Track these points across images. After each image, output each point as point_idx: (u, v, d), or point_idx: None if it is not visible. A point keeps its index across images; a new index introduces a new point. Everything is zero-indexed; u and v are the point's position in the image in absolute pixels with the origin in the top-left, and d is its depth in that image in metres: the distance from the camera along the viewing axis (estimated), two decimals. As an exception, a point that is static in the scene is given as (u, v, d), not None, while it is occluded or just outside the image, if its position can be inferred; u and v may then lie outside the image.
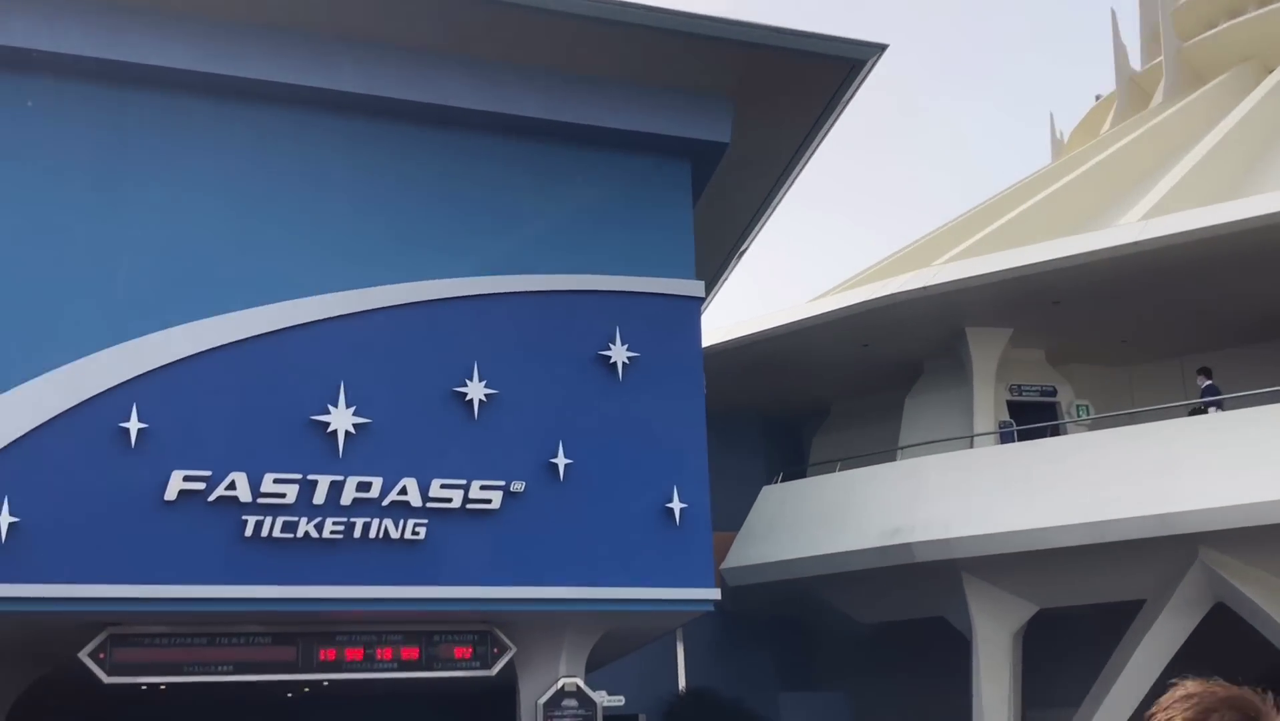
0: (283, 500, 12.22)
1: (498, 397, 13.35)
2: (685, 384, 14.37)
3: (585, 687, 14.35)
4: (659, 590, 13.73)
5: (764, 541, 20.03)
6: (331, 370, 12.69)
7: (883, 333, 20.72)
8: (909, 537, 17.85)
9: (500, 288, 13.73)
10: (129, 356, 12.00)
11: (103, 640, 12.15)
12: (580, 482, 13.56)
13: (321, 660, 12.90)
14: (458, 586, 12.85)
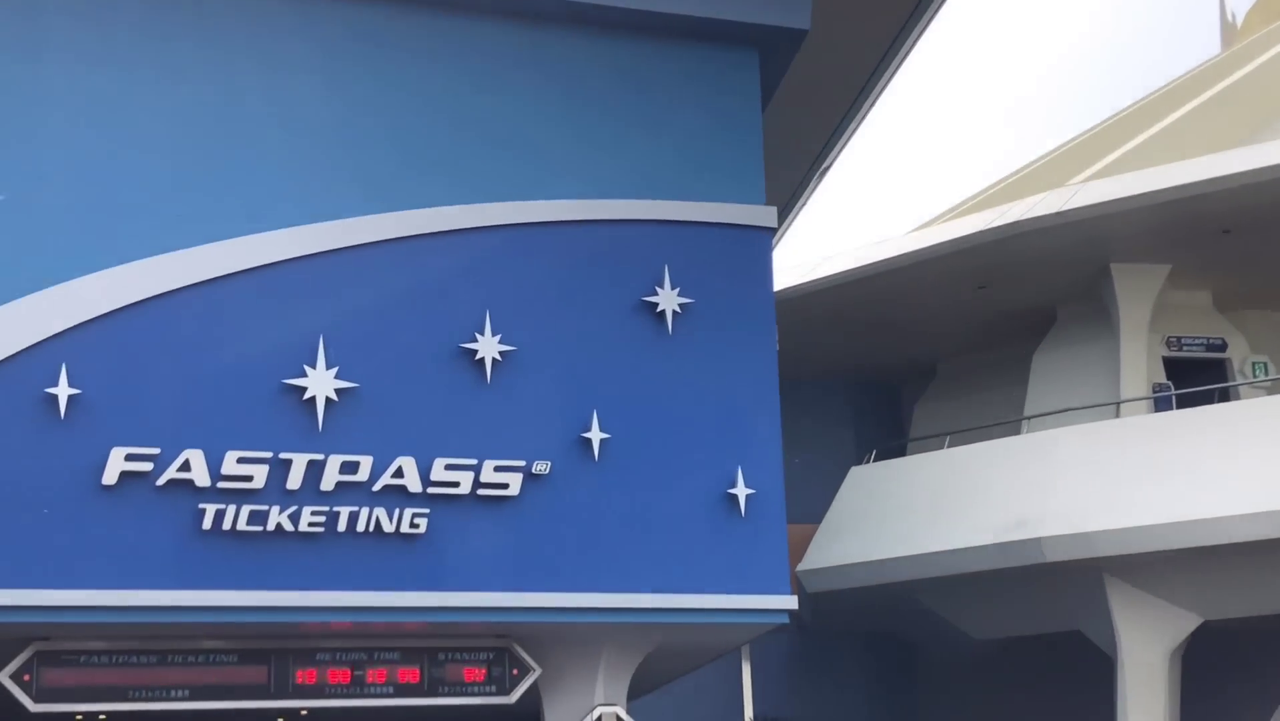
0: (249, 484, 12.36)
1: (516, 356, 13.42)
2: (752, 337, 14.37)
3: (628, 718, 14.48)
4: (719, 597, 13.80)
5: (852, 536, 20.06)
6: (308, 322, 12.79)
7: (1005, 271, 20.62)
8: (1037, 531, 17.84)
9: (518, 217, 13.77)
10: (56, 305, 12.13)
11: (27, 658, 12.36)
12: (620, 463, 13.62)
13: (299, 683, 13.05)
14: (467, 592, 12.97)
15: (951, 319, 22.35)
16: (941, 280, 20.85)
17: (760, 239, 14.63)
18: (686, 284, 14.09)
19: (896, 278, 20.84)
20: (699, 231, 14.30)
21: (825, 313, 21.66)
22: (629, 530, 13.56)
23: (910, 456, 21.40)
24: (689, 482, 13.86)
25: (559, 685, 14.40)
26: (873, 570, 19.57)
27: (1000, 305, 21.78)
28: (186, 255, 12.55)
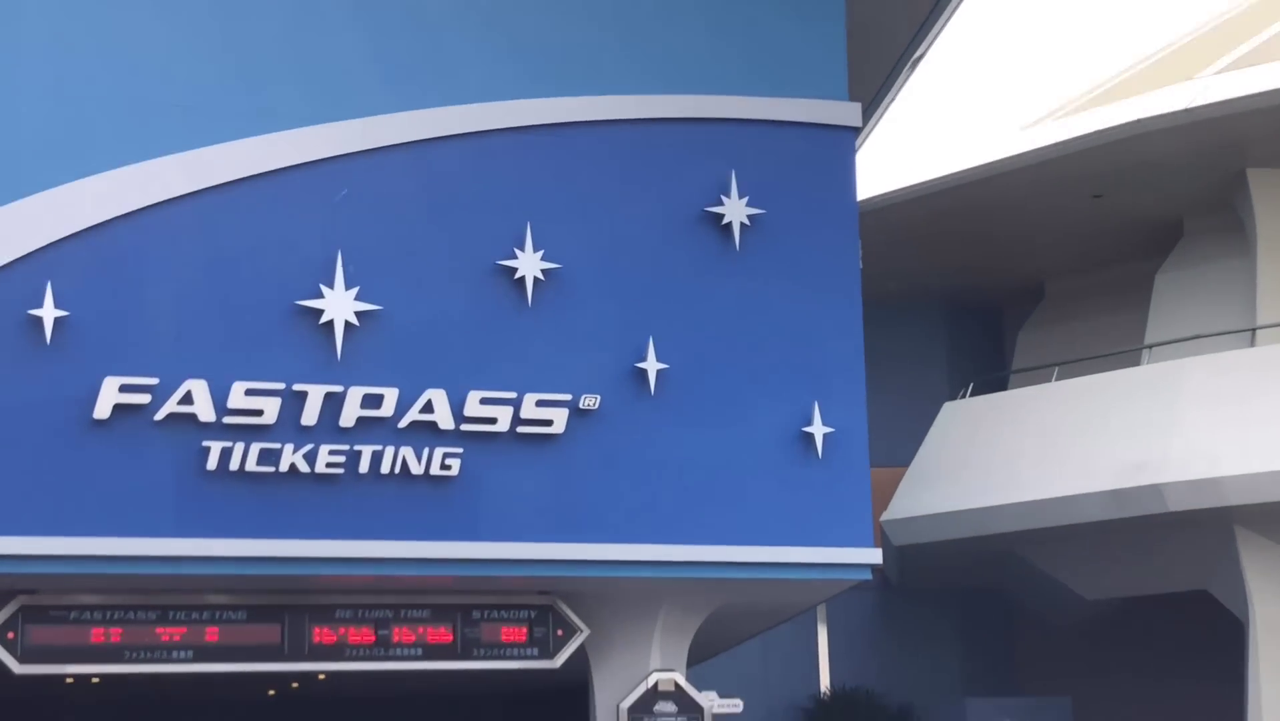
0: (259, 420, 12.46)
1: (560, 275, 13.45)
2: (832, 254, 14.34)
3: (688, 686, 14.59)
4: (792, 551, 13.86)
5: (945, 482, 20.07)
6: (324, 235, 12.84)
7: (1124, 178, 20.47)
8: (1159, 476, 17.80)
9: (563, 115, 13.77)
10: (38, 216, 12.20)
11: (11, 614, 12.53)
12: (679, 397, 13.66)
13: (316, 644, 13.19)
14: (505, 542, 13.07)
15: (1062, 233, 22.22)
16: (1051, 188, 20.72)
17: (842, 140, 14.57)
18: (756, 192, 14.06)
19: (998, 185, 20.72)
20: (771, 131, 14.25)
21: (916, 225, 21.58)
22: (689, 474, 13.61)
23: (1013, 390, 21.35)
24: (758, 420, 13.88)
25: (609, 648, 14.52)
26: (968, 521, 19.58)
27: (1118, 217, 21.63)
28: (186, 159, 12.58)
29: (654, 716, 14.39)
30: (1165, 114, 19.23)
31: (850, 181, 14.64)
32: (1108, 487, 18.18)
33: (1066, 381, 20.13)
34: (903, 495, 20.41)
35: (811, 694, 21.53)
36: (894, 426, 19.43)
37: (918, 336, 23.85)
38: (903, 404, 21.16)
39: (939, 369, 23.63)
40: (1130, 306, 22.13)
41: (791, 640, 20.97)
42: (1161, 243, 21.92)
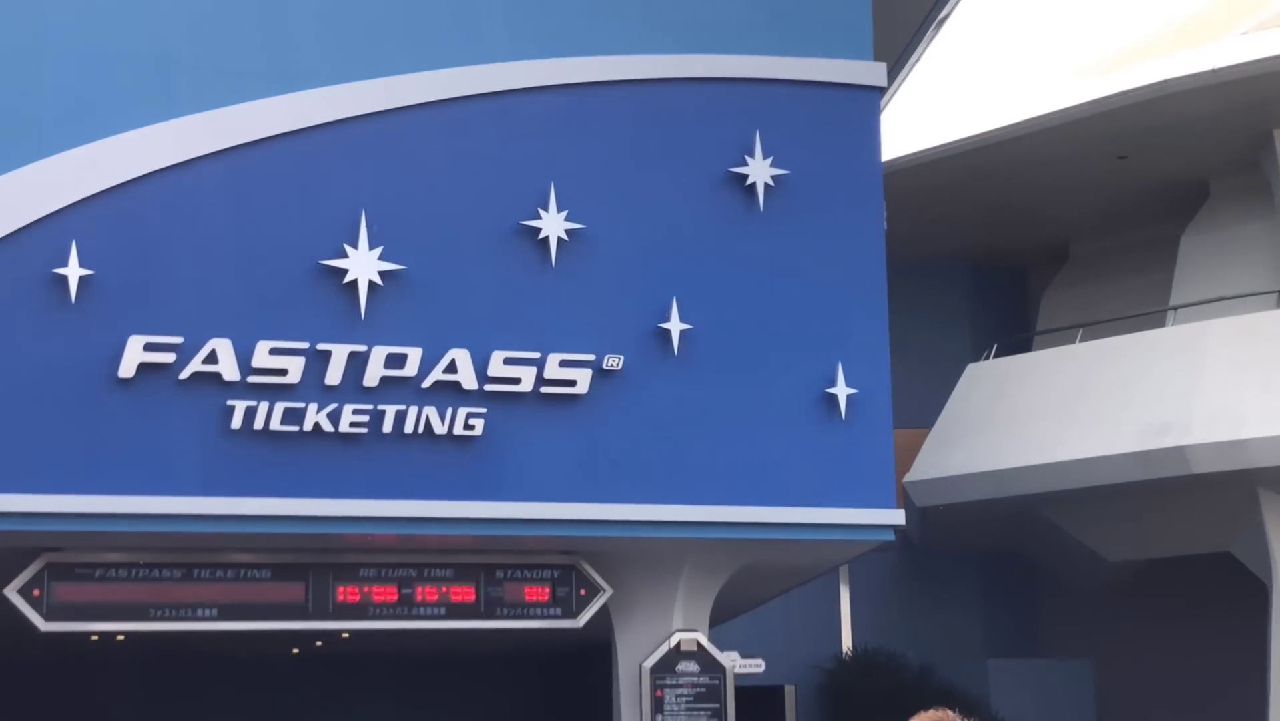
0: (283, 379, 12.52)
1: (584, 235, 13.46)
2: (856, 214, 14.34)
3: (710, 646, 14.64)
4: (815, 511, 13.91)
5: (968, 443, 20.05)
6: (349, 195, 12.88)
7: (1150, 138, 20.38)
8: (1183, 439, 17.76)
9: (587, 75, 13.76)
10: (64, 175, 12.26)
11: (37, 572, 12.63)
12: (702, 357, 13.69)
13: (340, 602, 13.30)
14: (528, 502, 13.14)
15: (1087, 194, 22.13)
16: (1076, 149, 20.63)
17: (867, 100, 14.55)
18: (781, 152, 14.05)
19: (1023, 146, 20.64)
20: (796, 91, 14.24)
21: (941, 186, 21.51)
22: (712, 434, 13.65)
23: (1037, 352, 21.29)
24: (782, 381, 13.91)
25: (632, 608, 14.58)
26: (991, 482, 19.57)
27: (1144, 178, 21.53)
28: (211, 118, 12.63)
29: (676, 676, 14.46)
30: (1191, 74, 19.13)
31: (875, 142, 14.64)
32: (1131, 450, 18.15)
33: (1091, 343, 20.07)
34: (925, 456, 20.39)
35: (833, 654, 21.56)
36: (917, 387, 19.41)
37: (941, 297, 23.79)
38: (926, 365, 21.12)
39: (963, 330, 23.57)
40: (1155, 268, 22.05)
41: (813, 601, 20.99)
42: (1187, 204, 21.83)
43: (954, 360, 21.55)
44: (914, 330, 20.13)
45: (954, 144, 21.09)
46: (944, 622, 22.55)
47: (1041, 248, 24.07)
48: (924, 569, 22.72)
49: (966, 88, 23.58)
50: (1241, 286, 20.37)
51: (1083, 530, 20.15)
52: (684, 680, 14.48)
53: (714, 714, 14.46)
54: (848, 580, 21.94)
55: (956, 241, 23.62)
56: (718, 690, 14.55)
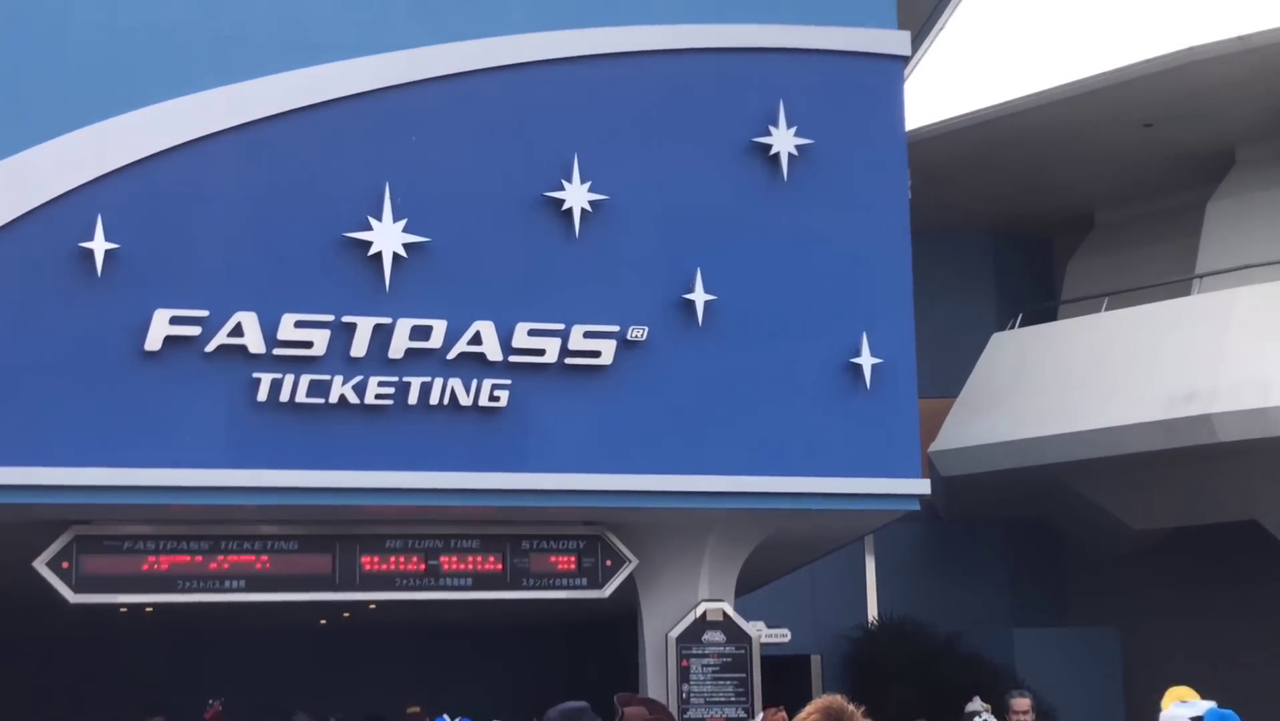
0: (308, 351, 12.57)
1: (608, 206, 13.47)
2: (881, 184, 14.32)
3: (736, 616, 14.68)
4: (840, 481, 13.93)
5: (993, 412, 20.05)
6: (372, 167, 12.90)
7: (1176, 107, 20.31)
8: (1209, 407, 17.75)
9: (609, 46, 13.76)
10: (88, 148, 12.31)
11: (66, 544, 12.71)
12: (727, 328, 13.70)
13: (367, 573, 13.36)
14: (553, 473, 13.18)
15: (1112, 162, 22.07)
16: (1101, 117, 20.57)
17: (890, 69, 14.52)
18: (804, 122, 14.03)
19: (1048, 114, 20.58)
20: (819, 60, 14.21)
21: (965, 155, 21.47)
22: (737, 404, 13.67)
23: (1062, 321, 21.28)
24: (806, 351, 13.92)
25: (658, 579, 14.63)
26: (1017, 451, 19.58)
27: (1169, 146, 21.47)
28: (234, 91, 12.65)
29: (702, 646, 14.50)
30: (1217, 41, 19.06)
31: (899, 111, 14.61)
32: (1157, 418, 18.15)
33: (1116, 312, 20.05)
34: (951, 426, 20.40)
35: (859, 624, 21.60)
36: (942, 357, 19.43)
37: (966, 267, 23.75)
38: (951, 334, 21.13)
39: (988, 299, 23.54)
40: (1181, 236, 22.00)
41: (839, 571, 21.03)
42: (1213, 172, 21.77)
43: (979, 329, 21.55)
44: (938, 299, 20.14)
45: (978, 112, 21.05)
46: (969, 591, 22.57)
47: (1066, 216, 24.03)
48: (949, 538, 22.74)
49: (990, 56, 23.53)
50: (1267, 254, 20.32)
51: (1108, 499, 20.16)
52: (710, 650, 14.52)
53: (740, 683, 14.51)
54: (873, 549, 21.98)
55: (981, 210, 23.58)
56: (743, 660, 14.59)
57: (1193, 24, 20.08)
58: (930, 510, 19.37)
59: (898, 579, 22.23)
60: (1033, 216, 24.09)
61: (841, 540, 16.70)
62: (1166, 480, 19.26)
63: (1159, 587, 21.78)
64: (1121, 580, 22.46)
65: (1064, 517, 22.07)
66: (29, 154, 12.15)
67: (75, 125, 12.28)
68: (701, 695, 14.43)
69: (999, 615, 22.59)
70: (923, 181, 15.99)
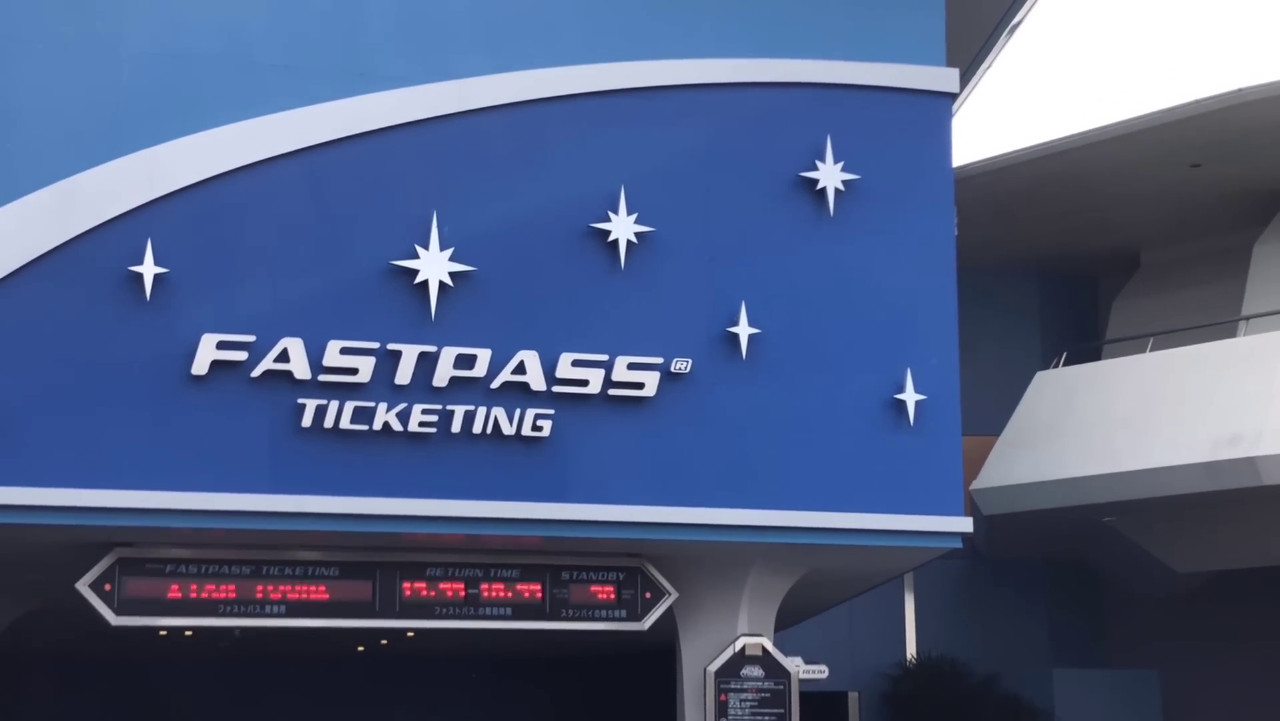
0: (354, 378, 12.62)
1: (653, 238, 13.51)
2: (927, 220, 14.33)
3: (776, 652, 14.67)
4: (882, 518, 13.90)
5: (1037, 451, 20.01)
6: (420, 197, 12.96)
7: (1224, 147, 20.28)
8: (1254, 449, 17.68)
9: (658, 79, 13.81)
10: (140, 173, 12.40)
11: (109, 566, 12.77)
12: (771, 361, 13.72)
13: (407, 600, 13.39)
14: (595, 504, 13.18)
15: (1159, 201, 22.04)
16: (1149, 156, 20.55)
17: (938, 106, 14.54)
18: (851, 157, 14.06)
19: (1096, 152, 20.57)
20: (867, 97, 14.24)
21: (1012, 193, 21.47)
22: (780, 439, 13.67)
23: (1106, 360, 21.23)
24: (850, 386, 13.92)
25: (697, 612, 14.63)
26: (1060, 490, 19.52)
27: (1217, 186, 21.43)
28: (285, 119, 12.73)
29: (741, 680, 14.49)
30: (1267, 84, 19.03)
31: (946, 148, 14.61)
32: (1201, 460, 18.07)
33: (1161, 352, 20.00)
34: (993, 464, 20.36)
35: (897, 661, 21.55)
36: (986, 395, 19.39)
37: (1011, 305, 23.75)
38: (995, 372, 21.10)
39: (1032, 337, 23.52)
40: (1227, 277, 21.94)
41: (878, 608, 20.98)
42: (1260, 213, 21.72)
43: (1023, 367, 21.51)
44: (983, 337, 20.14)
45: (1026, 150, 21.05)
46: (1009, 631, 22.52)
47: (1112, 255, 24.00)
48: (990, 577, 22.69)
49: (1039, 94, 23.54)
50: (1315, 297, 20.29)
51: (1151, 541, 20.09)
52: (749, 685, 14.50)
53: (779, 719, 14.49)
54: (912, 587, 21.93)
55: (1027, 248, 23.57)
56: (782, 695, 14.57)
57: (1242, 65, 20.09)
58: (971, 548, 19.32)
59: (937, 617, 22.18)
60: (1079, 255, 24.07)
61: (882, 577, 16.66)
62: (1209, 523, 19.18)
63: (1200, 631, 21.68)
64: (1163, 623, 22.37)
65: (1105, 558, 22.00)
66: (80, 178, 12.23)
67: (127, 150, 12.36)
68: (740, 730, 14.43)
69: (1038, 655, 22.52)
70: (969, 218, 16.00)
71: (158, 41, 12.67)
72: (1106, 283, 24.59)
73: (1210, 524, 19.21)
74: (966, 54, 18.12)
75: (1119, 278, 24.20)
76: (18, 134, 12.25)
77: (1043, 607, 23.21)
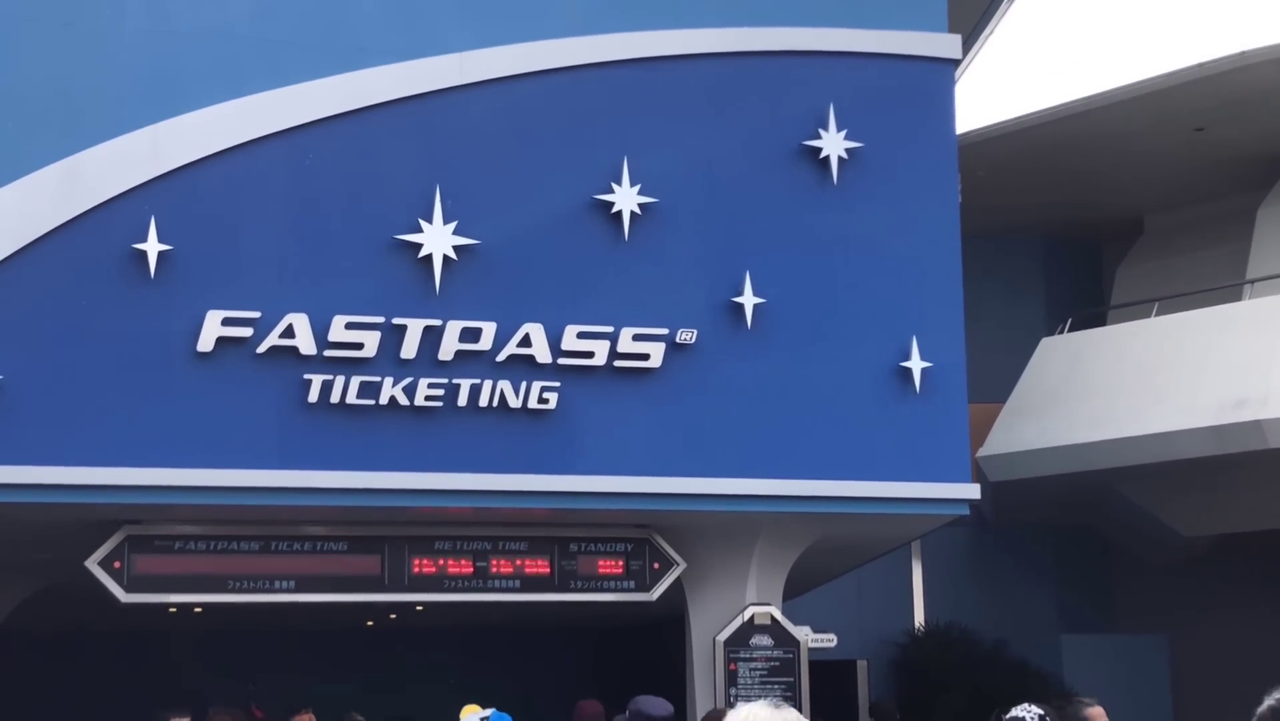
0: (359, 353, 12.66)
1: (657, 209, 13.52)
2: (931, 188, 14.34)
3: (784, 620, 14.71)
4: (889, 485, 13.93)
5: (1043, 418, 20.03)
6: (423, 170, 12.99)
7: (1227, 110, 20.25)
8: (1260, 412, 17.70)
9: (660, 49, 13.81)
10: (143, 150, 12.43)
11: (118, 544, 12.82)
12: (776, 331, 13.73)
13: (416, 575, 13.43)
14: (602, 476, 13.23)
15: (1163, 166, 22.02)
16: (1152, 122, 20.53)
17: (941, 73, 14.53)
18: (854, 125, 14.05)
19: (1099, 118, 20.55)
20: (869, 64, 14.23)
21: (1015, 159, 21.45)
22: (786, 408, 13.69)
23: (1111, 326, 21.23)
24: (856, 355, 13.93)
25: (705, 582, 14.66)
26: (1066, 456, 19.54)
27: (1221, 150, 21.41)
28: (287, 94, 12.75)
29: (750, 650, 14.53)
30: (1270, 46, 19.00)
31: (949, 115, 14.61)
32: (1208, 424, 18.09)
33: (1166, 317, 20.00)
34: (999, 431, 20.38)
35: (905, 629, 21.59)
36: (991, 361, 19.40)
37: (1016, 271, 23.73)
38: (1000, 339, 21.10)
39: (1037, 304, 23.51)
40: (1231, 241, 21.93)
41: (886, 576, 21.02)
42: (1264, 176, 21.70)
43: (1028, 334, 21.53)
44: (988, 304, 20.13)
45: (1028, 116, 21.04)
46: (1017, 598, 22.54)
47: (1116, 221, 23.98)
48: (997, 544, 22.71)
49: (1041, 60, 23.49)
50: (1319, 259, 20.28)
51: (1158, 505, 20.10)
52: (758, 654, 14.55)
53: (788, 687, 14.52)
54: (920, 555, 21.96)
55: (1031, 215, 23.55)
56: (791, 664, 14.62)
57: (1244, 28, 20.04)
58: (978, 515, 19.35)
59: (945, 584, 22.21)
60: (1083, 221, 24.06)
61: (889, 545, 16.71)
62: (1216, 486, 19.20)
63: (1208, 595, 21.71)
64: (1170, 587, 22.39)
65: (1113, 524, 22.02)
66: (83, 156, 12.27)
67: (129, 128, 12.40)
68: (749, 699, 14.37)
69: (1046, 621, 22.55)
70: (972, 185, 15.98)
71: (159, 19, 12.70)
72: (1111, 248, 24.58)
73: (1217, 488, 19.23)
74: (969, 20, 18.09)
75: (1123, 243, 24.19)
76: (20, 113, 12.29)
77: (1050, 574, 23.23)
